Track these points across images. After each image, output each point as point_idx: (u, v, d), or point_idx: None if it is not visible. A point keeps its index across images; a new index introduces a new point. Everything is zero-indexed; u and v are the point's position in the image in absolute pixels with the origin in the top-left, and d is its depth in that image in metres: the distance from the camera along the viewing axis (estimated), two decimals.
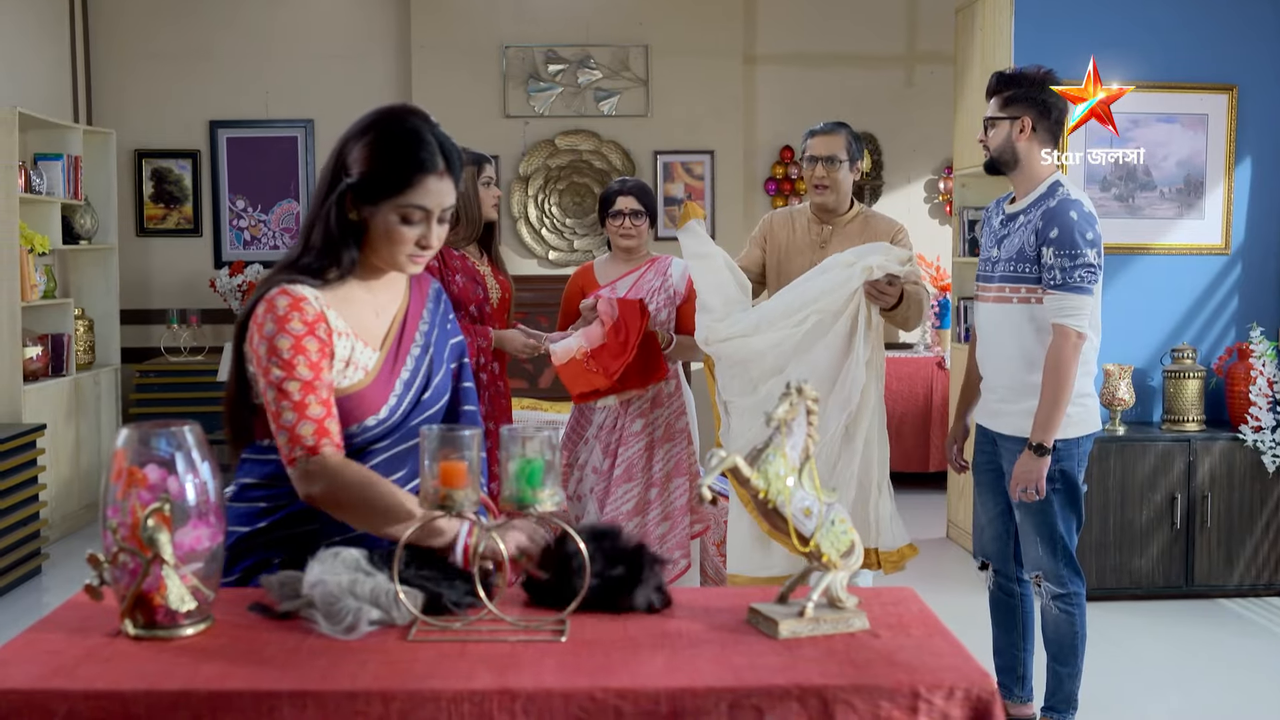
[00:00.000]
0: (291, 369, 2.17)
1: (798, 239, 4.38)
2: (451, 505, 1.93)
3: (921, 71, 8.65)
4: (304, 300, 2.22)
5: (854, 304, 3.89)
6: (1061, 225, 3.66)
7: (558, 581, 2.03)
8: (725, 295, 4.08)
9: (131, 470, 1.92)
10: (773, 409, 1.92)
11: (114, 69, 8.23)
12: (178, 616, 1.93)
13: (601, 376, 4.32)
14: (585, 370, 4.33)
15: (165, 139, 8.35)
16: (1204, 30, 5.90)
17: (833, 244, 4.27)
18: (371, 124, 2.29)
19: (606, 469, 4.51)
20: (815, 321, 3.90)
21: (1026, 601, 4.10)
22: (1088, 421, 3.84)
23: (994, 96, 3.86)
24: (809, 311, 3.90)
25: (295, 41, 8.36)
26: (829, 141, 4.26)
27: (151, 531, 1.87)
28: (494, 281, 4.45)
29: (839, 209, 4.33)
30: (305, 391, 2.16)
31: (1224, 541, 5.67)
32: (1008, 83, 3.82)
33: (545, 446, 1.94)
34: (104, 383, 7.42)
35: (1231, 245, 5.96)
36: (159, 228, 8.40)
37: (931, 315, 8.34)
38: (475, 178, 4.38)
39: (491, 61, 8.34)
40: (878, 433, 4.05)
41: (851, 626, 1.96)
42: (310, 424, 2.15)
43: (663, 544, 4.47)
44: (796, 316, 3.92)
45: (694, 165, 8.48)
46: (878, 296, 3.88)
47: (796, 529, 1.94)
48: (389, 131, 2.27)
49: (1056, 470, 3.78)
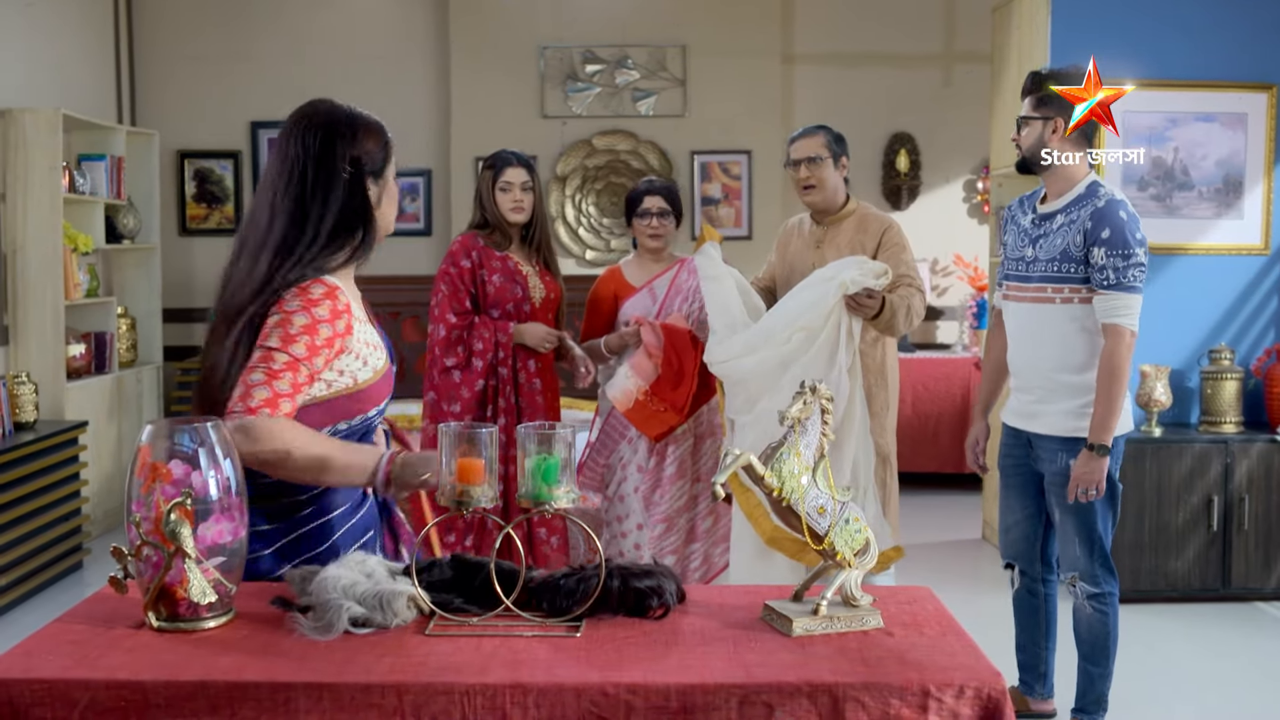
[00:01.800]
0: (290, 343, 2.23)
1: (799, 242, 4.50)
2: (469, 501, 1.95)
3: (959, 71, 8.60)
4: (338, 290, 2.32)
5: (835, 317, 4.02)
6: (1113, 225, 3.67)
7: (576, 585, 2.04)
8: (729, 318, 4.20)
9: (155, 465, 1.96)
10: (786, 407, 1.93)
11: (156, 70, 8.32)
12: (200, 609, 1.97)
13: (673, 413, 4.37)
14: (653, 410, 4.39)
15: (207, 140, 8.42)
16: (1242, 29, 5.84)
17: (827, 242, 4.37)
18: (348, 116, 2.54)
19: (653, 468, 4.54)
20: (801, 339, 4.03)
21: (1050, 601, 4.10)
22: (1125, 421, 3.84)
23: (1028, 96, 3.85)
24: (793, 330, 4.04)
25: (335, 43, 8.41)
26: (807, 143, 4.38)
27: (174, 525, 1.90)
28: (538, 282, 4.50)
29: (830, 207, 4.42)
30: (288, 367, 2.22)
31: (1261, 544, 5.61)
32: (1042, 82, 3.80)
33: (561, 444, 1.96)
34: (146, 381, 7.50)
35: (1271, 245, 5.90)
36: (201, 227, 8.48)
37: (969, 315, 8.29)
38: (491, 183, 4.46)
39: (529, 62, 8.37)
40: (864, 438, 4.14)
41: (865, 625, 1.97)
42: (267, 392, 2.19)
43: (709, 538, 4.54)
44: (781, 335, 4.05)
45: (731, 165, 8.48)
46: (857, 309, 4.02)
47: (811, 527, 1.95)
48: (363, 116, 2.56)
49: None
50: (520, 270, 4.47)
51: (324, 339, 2.26)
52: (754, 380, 4.10)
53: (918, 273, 4.35)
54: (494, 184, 4.48)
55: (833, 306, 4.00)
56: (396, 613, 1.97)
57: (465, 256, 4.45)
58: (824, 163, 4.35)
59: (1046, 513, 4.01)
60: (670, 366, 4.36)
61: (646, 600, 2.03)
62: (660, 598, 2.04)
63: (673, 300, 4.56)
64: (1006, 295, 4.00)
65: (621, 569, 2.06)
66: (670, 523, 4.49)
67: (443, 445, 1.99)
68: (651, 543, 4.47)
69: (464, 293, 4.42)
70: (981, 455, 4.20)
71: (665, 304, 4.55)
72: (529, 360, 4.47)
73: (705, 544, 4.54)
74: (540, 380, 4.50)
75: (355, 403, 2.34)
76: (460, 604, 2.04)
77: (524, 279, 4.47)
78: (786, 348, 4.04)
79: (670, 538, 4.49)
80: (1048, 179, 3.87)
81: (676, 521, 4.49)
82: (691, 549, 4.53)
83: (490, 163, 4.52)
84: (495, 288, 4.42)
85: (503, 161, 4.50)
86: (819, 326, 4.01)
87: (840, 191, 4.43)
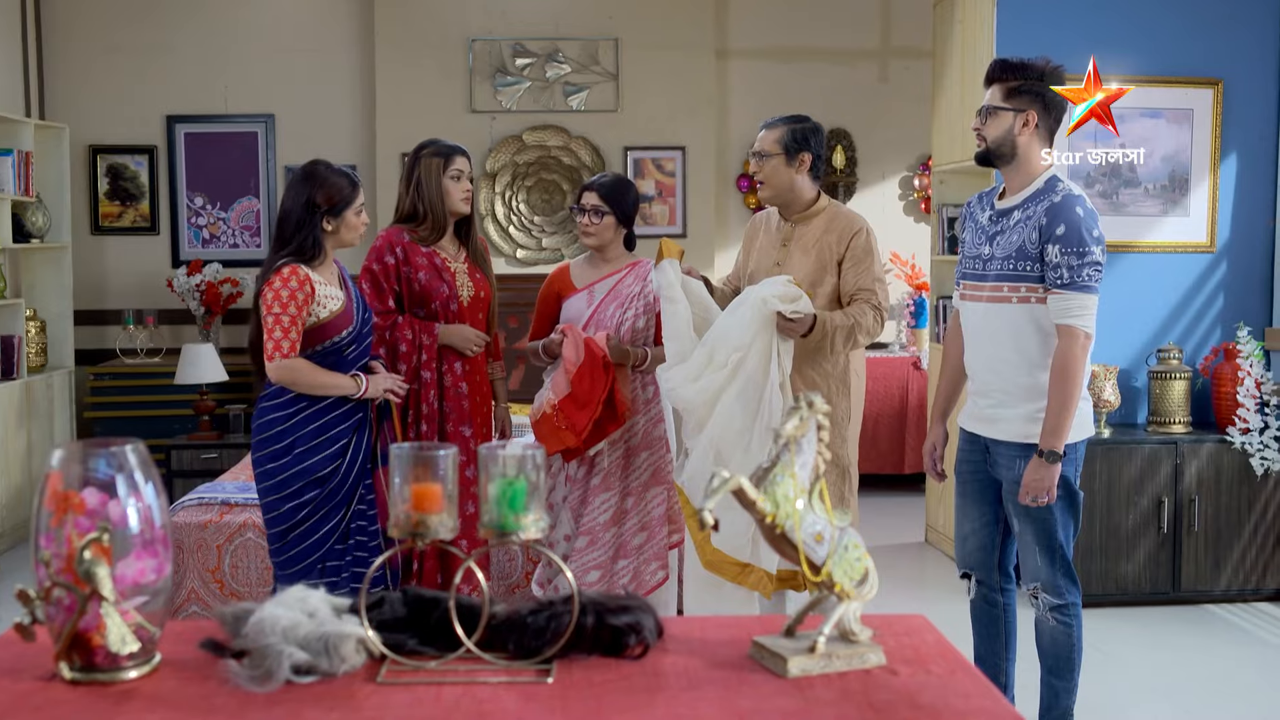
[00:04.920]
0: (286, 307, 3.70)
1: (765, 239, 4.31)
2: (425, 532, 1.74)
3: (896, 67, 8.50)
4: (299, 268, 3.75)
5: (764, 335, 3.91)
6: (1068, 222, 3.51)
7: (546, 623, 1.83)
8: (679, 345, 4.03)
9: (67, 495, 1.73)
10: (780, 424, 1.74)
11: (67, 61, 7.96)
12: (119, 658, 1.73)
13: (570, 434, 4.16)
14: (555, 426, 4.18)
15: (121, 134, 8.08)
16: (1189, 23, 5.77)
17: (794, 241, 4.19)
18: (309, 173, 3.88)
19: (582, 477, 4.32)
20: (737, 359, 3.91)
21: (1010, 610, 3.96)
22: (1084, 425, 3.70)
23: (996, 84, 3.66)
24: (729, 352, 3.92)
25: (256, 34, 8.11)
26: (763, 137, 4.22)
27: (89, 565, 1.67)
28: (467, 280, 4.27)
29: (792, 204, 4.23)
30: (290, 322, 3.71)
31: (1211, 546, 5.55)
32: (1013, 71, 3.63)
33: (529, 466, 1.76)
34: (57, 386, 7.18)
35: (1217, 243, 5.84)
36: (114, 226, 8.13)
37: (906, 314, 8.19)
38: (441, 170, 4.23)
39: (457, 55, 8.13)
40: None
41: (867, 662, 1.78)
42: (286, 342, 3.71)
43: (640, 555, 4.29)
44: (719, 359, 3.93)
45: (665, 162, 8.31)
46: (786, 330, 3.92)
47: (808, 557, 1.76)
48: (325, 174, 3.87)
49: (1059, 477, 3.63)
50: (448, 266, 4.25)
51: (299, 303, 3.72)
52: (701, 407, 3.96)
53: (883, 286, 4.16)
54: (444, 172, 4.24)
55: (758, 325, 3.88)
56: (344, 658, 1.75)
57: (389, 252, 4.21)
58: (771, 159, 4.16)
59: (1005, 520, 3.87)
60: (581, 385, 4.14)
61: (624, 638, 1.83)
62: (639, 634, 1.84)
63: (607, 306, 4.35)
64: (964, 295, 3.84)
65: (595, 603, 1.86)
66: (594, 536, 4.27)
67: (394, 470, 1.77)
68: (575, 555, 4.26)
69: (387, 291, 4.19)
70: (939, 461, 4.05)
71: (600, 308, 4.34)
72: (455, 363, 4.25)
73: (635, 560, 4.30)
74: (467, 384, 4.27)
75: (324, 330, 3.79)
76: (415, 645, 1.82)
77: (451, 275, 4.24)
78: (723, 373, 3.91)
79: (594, 552, 4.26)
80: (1008, 173, 3.72)
81: (601, 536, 4.27)
82: (620, 565, 4.29)
83: (436, 150, 4.27)
84: (420, 285, 4.19)
85: (451, 149, 4.27)
86: (751, 341, 3.89)
87: (800, 189, 4.21)
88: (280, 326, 3.69)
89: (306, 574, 3.79)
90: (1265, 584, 5.60)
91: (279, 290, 3.70)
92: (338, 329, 3.81)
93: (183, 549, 4.70)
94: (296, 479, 3.79)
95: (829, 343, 3.99)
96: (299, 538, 3.82)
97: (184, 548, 4.71)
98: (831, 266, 4.14)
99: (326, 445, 3.82)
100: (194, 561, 4.72)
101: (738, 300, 4.02)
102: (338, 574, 3.84)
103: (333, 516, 3.83)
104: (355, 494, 3.88)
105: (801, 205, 4.22)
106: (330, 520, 3.83)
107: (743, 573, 4.06)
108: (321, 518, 3.82)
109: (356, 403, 3.89)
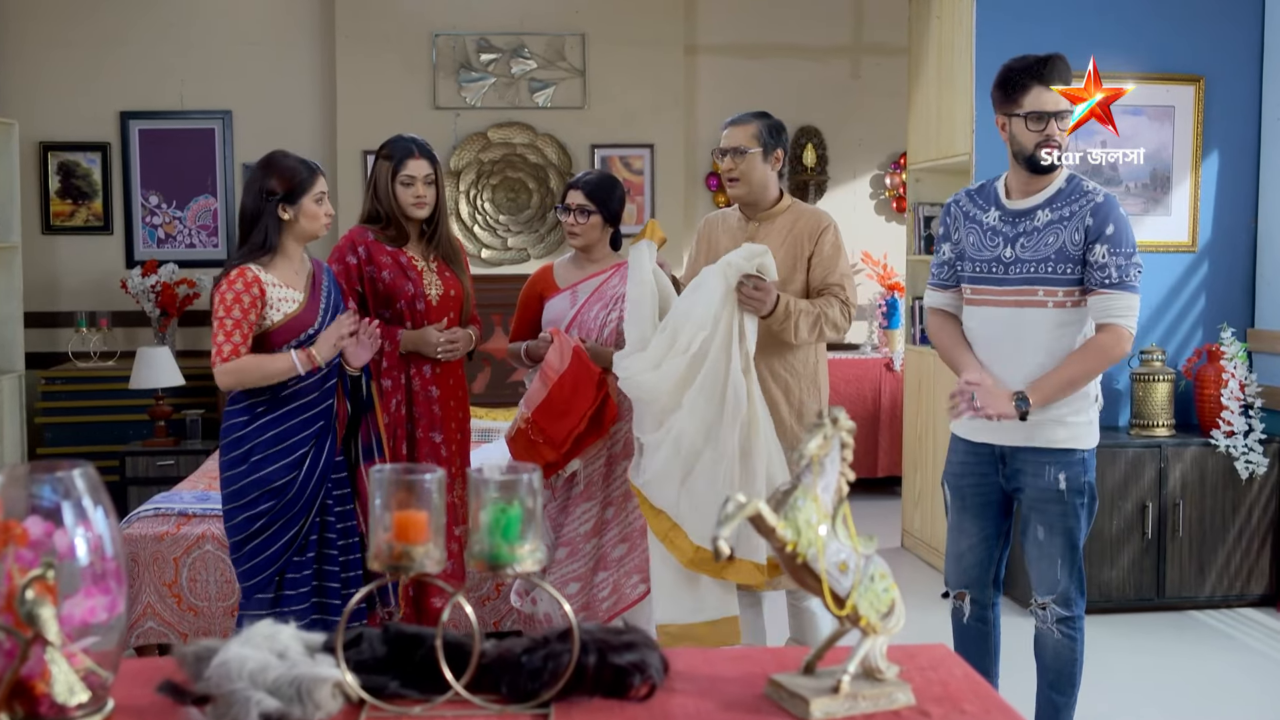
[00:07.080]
0: (230, 310, 3.58)
1: (727, 238, 4.17)
2: (409, 566, 1.57)
3: (868, 64, 8.37)
4: (247, 269, 3.63)
5: (728, 311, 3.78)
6: (1116, 222, 3.44)
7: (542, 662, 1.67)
8: (640, 331, 3.89)
9: (8, 525, 1.54)
10: (802, 443, 1.58)
11: (17, 55, 7.71)
12: (67, 709, 1.55)
13: (549, 448, 3.98)
14: (532, 441, 4.01)
15: (73, 131, 7.82)
16: (1171, 19, 5.67)
17: (759, 239, 4.06)
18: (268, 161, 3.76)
19: (563, 486, 4.15)
20: (701, 339, 3.77)
21: (998, 624, 3.83)
22: (1094, 433, 3.62)
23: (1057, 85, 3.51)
24: (693, 331, 3.78)
25: (213, 28, 7.88)
26: (736, 132, 4.09)
27: (31, 606, 1.49)
28: (435, 279, 4.11)
29: (760, 202, 4.12)
30: (234, 326, 3.59)
31: (1196, 551, 5.45)
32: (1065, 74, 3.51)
33: (525, 491, 1.59)
34: (6, 390, 6.95)
35: (1199, 242, 5.74)
36: (66, 225, 7.88)
37: (878, 315, 8.06)
38: (390, 176, 4.08)
39: (421, 50, 7.93)
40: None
41: (895, 702, 1.63)
42: (229, 346, 3.58)
43: (620, 567, 4.12)
44: (682, 342, 3.79)
45: (633, 159, 8.14)
46: (747, 302, 3.78)
47: (831, 589, 1.60)
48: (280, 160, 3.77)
49: (1085, 483, 3.54)
50: (414, 265, 4.08)
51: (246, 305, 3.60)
52: (663, 396, 3.79)
53: (850, 283, 4.06)
54: (393, 177, 4.08)
55: (721, 295, 3.74)
56: (319, 704, 1.57)
57: (351, 252, 4.05)
58: (751, 155, 4.03)
59: (1005, 534, 3.73)
60: (561, 392, 3.96)
61: (628, 678, 1.66)
62: (644, 673, 1.67)
63: (591, 306, 4.18)
64: (972, 300, 3.66)
65: (597, 639, 1.69)
66: (574, 547, 4.10)
67: (374, 493, 1.60)
68: (554, 566, 4.09)
69: (348, 292, 4.01)
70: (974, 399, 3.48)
71: (583, 310, 4.18)
72: (424, 366, 4.08)
73: (616, 573, 4.12)
74: (438, 388, 4.10)
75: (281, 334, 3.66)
76: (398, 688, 1.65)
77: (418, 274, 4.08)
78: (685, 357, 3.76)
79: (573, 564, 4.10)
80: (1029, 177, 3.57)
81: (581, 547, 4.11)
82: (600, 578, 4.12)
83: (388, 153, 4.10)
84: (385, 284, 4.03)
85: (403, 152, 4.09)
86: (715, 317, 3.75)
87: (771, 187, 4.11)
88: (224, 330, 3.57)
89: (266, 586, 3.67)
90: (1250, 589, 5.51)
91: (224, 293, 3.58)
92: (295, 331, 3.67)
93: (138, 562, 4.50)
94: (252, 488, 3.64)
95: (792, 325, 3.87)
96: (256, 549, 3.66)
97: (140, 561, 4.51)
98: (802, 263, 4.04)
99: (283, 455, 3.67)
100: (150, 575, 4.52)
101: (697, 280, 3.88)
102: (296, 587, 3.68)
103: (290, 528, 3.67)
104: (315, 504, 3.71)
105: (768, 203, 4.13)
106: (288, 532, 3.66)
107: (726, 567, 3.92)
108: (279, 529, 3.65)
109: (319, 411, 3.72)
